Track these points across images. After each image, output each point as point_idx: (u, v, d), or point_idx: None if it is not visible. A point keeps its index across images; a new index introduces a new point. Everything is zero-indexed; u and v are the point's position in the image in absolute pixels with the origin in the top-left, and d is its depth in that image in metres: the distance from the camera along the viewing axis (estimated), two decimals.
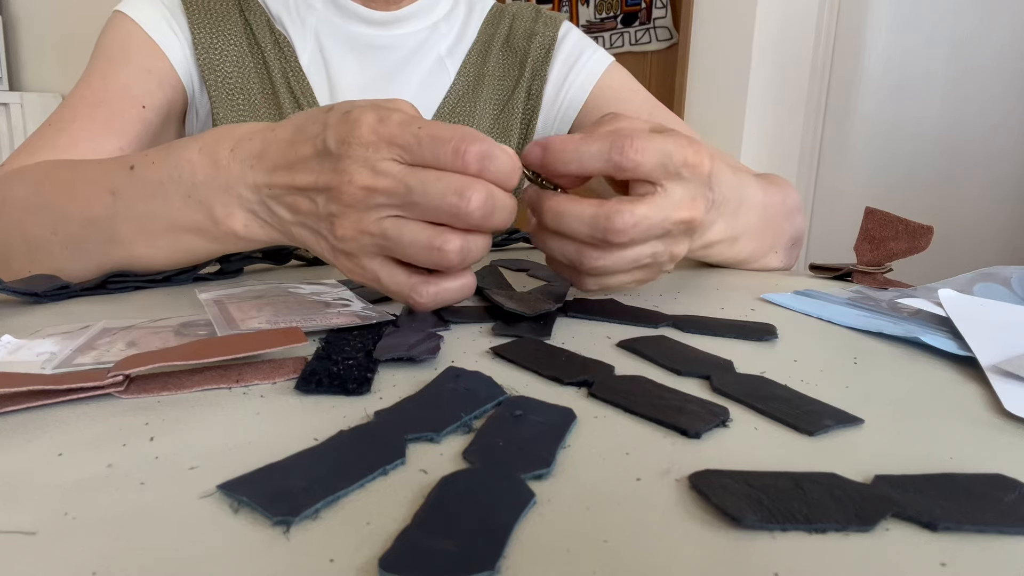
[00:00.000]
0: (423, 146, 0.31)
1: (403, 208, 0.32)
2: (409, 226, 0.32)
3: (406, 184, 0.31)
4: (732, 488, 0.18)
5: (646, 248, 0.36)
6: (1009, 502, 0.18)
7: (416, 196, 0.31)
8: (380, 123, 0.32)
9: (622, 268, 0.37)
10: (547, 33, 0.73)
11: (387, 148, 0.32)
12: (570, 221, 0.35)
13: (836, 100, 1.91)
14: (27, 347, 0.30)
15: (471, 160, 0.31)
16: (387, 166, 0.32)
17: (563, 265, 0.38)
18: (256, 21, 0.64)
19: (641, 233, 0.35)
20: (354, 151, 0.32)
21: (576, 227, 0.35)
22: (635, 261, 0.37)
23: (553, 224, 0.36)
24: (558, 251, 0.37)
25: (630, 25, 2.15)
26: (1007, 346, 0.32)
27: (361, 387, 0.26)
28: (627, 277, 0.38)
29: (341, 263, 0.35)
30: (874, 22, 1.81)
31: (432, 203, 0.31)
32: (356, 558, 0.15)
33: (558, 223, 0.36)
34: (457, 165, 0.32)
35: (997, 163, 1.72)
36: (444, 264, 0.33)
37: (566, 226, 0.35)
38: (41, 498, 0.18)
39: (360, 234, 0.33)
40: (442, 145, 0.31)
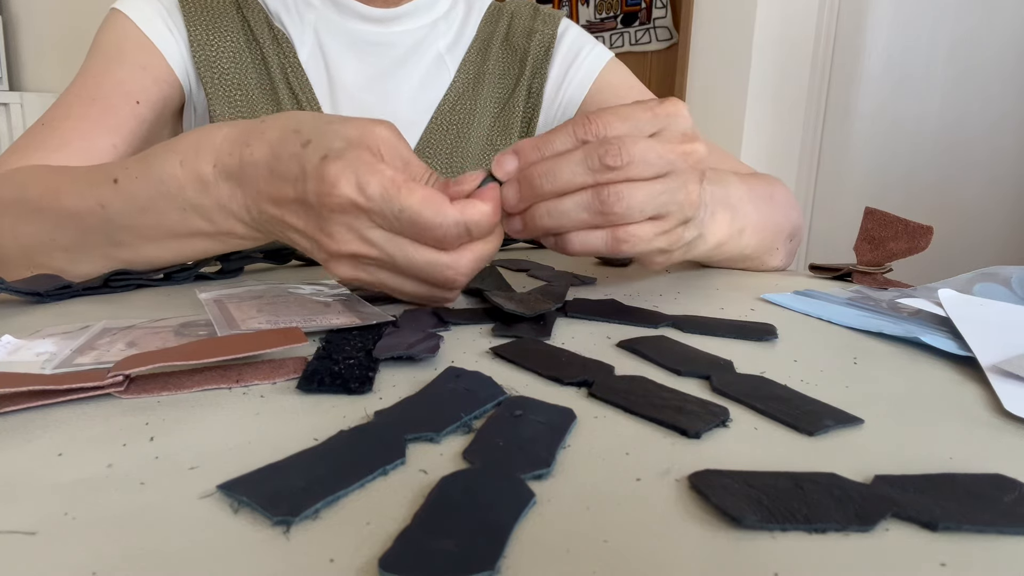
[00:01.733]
0: (403, 226, 0.32)
1: (394, 270, 0.34)
2: (409, 282, 0.35)
3: (393, 258, 0.33)
4: (732, 488, 0.18)
5: (658, 185, 0.35)
6: (1009, 502, 0.18)
7: (402, 265, 0.34)
8: (359, 193, 0.32)
9: (644, 208, 0.34)
10: (546, 31, 0.73)
11: (367, 218, 0.33)
12: (564, 166, 0.34)
13: (836, 99, 1.91)
14: (27, 347, 0.30)
15: (452, 242, 0.33)
16: (373, 234, 0.33)
17: (587, 239, 0.35)
18: (254, 18, 0.64)
19: (642, 152, 0.34)
20: (335, 216, 0.33)
21: (573, 168, 0.33)
22: (655, 198, 0.35)
23: (550, 183, 0.34)
24: (573, 213, 0.34)
25: (630, 25, 2.15)
26: (1007, 346, 0.32)
27: (363, 386, 0.26)
28: (652, 228, 0.36)
29: (342, 274, 0.36)
30: (874, 21, 1.81)
31: (421, 273, 0.34)
32: (356, 558, 0.15)
33: (554, 178, 0.34)
34: (440, 247, 0.33)
35: (997, 162, 1.72)
36: (453, 287, 0.36)
37: (563, 176, 0.34)
38: (41, 498, 0.18)
39: (355, 278, 0.35)
40: (423, 231, 0.32)
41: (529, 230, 0.36)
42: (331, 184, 0.32)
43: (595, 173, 0.34)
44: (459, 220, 0.32)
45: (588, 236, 0.36)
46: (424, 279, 0.34)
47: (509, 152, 0.36)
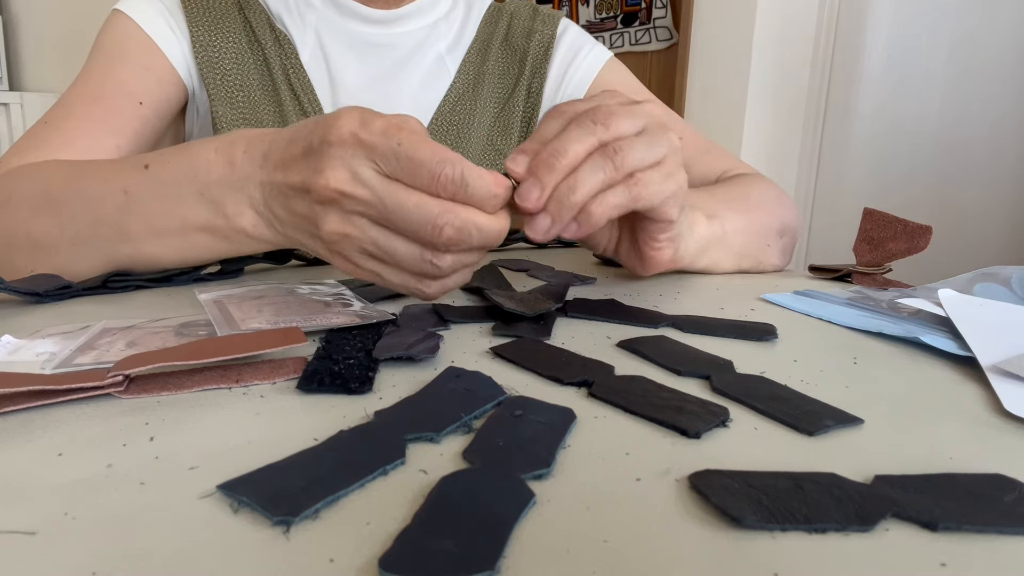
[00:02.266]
0: (400, 163, 0.32)
1: (381, 220, 0.33)
2: (398, 241, 0.33)
3: (383, 201, 0.32)
4: (732, 488, 0.18)
5: (645, 136, 0.38)
6: (1009, 502, 0.18)
7: (392, 215, 0.32)
8: (362, 127, 0.32)
9: (644, 155, 0.37)
10: (546, 31, 0.73)
11: (365, 153, 0.32)
12: (569, 139, 0.35)
13: (836, 99, 1.91)
14: (27, 347, 0.30)
15: (445, 185, 0.32)
16: (365, 173, 0.32)
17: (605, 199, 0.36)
18: (256, 19, 0.64)
19: (621, 112, 0.37)
20: (332, 150, 0.32)
21: (576, 137, 0.35)
22: (649, 146, 0.37)
23: (563, 156, 0.35)
24: (591, 177, 0.35)
25: (630, 25, 2.15)
26: (1007, 346, 0.32)
27: (363, 386, 0.26)
28: (658, 172, 0.38)
29: (339, 263, 0.35)
30: (874, 21, 1.81)
31: (409, 227, 0.32)
32: (356, 558, 0.15)
33: (564, 151, 0.35)
34: (432, 189, 0.32)
35: (997, 163, 1.72)
36: (439, 276, 0.34)
37: (571, 147, 0.35)
38: (41, 498, 0.18)
39: (343, 237, 0.33)
40: (418, 167, 0.31)
41: (557, 216, 0.36)
42: (335, 119, 0.33)
43: (596, 135, 0.36)
44: (455, 161, 0.32)
45: (608, 196, 0.37)
46: (412, 234, 0.32)
47: (517, 152, 0.37)
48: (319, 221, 0.33)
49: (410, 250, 0.33)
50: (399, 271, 0.34)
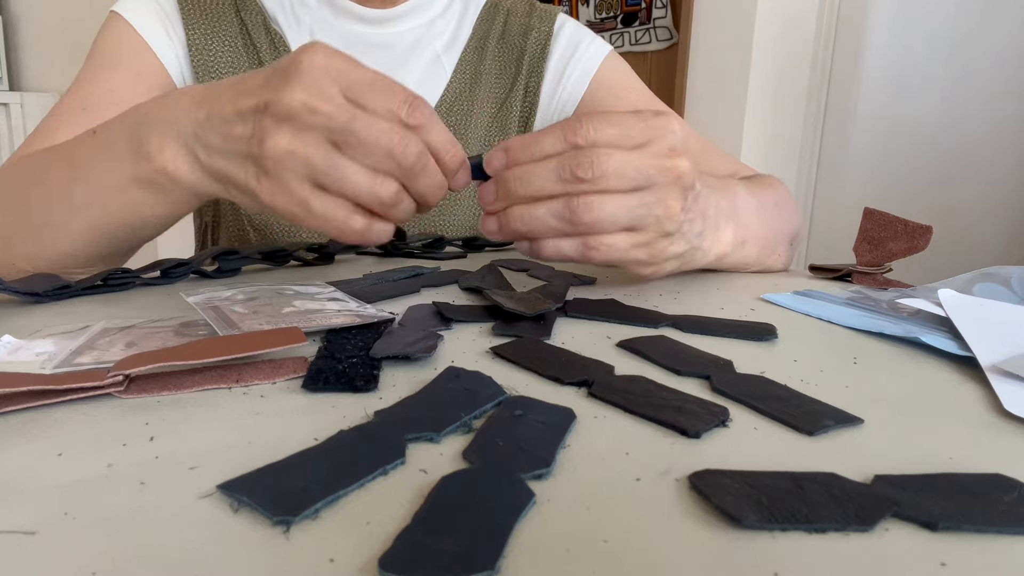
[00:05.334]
0: (375, 88, 0.32)
1: (340, 136, 0.32)
2: (348, 162, 0.33)
3: (351, 113, 0.32)
4: (732, 488, 0.18)
5: (633, 199, 0.35)
6: (1009, 502, 0.18)
7: (357, 126, 0.32)
8: (337, 54, 0.33)
9: (616, 219, 0.35)
10: (543, 28, 0.72)
11: (338, 77, 0.32)
12: (538, 173, 0.35)
13: (836, 100, 1.91)
14: (27, 347, 0.30)
15: (417, 116, 0.33)
16: (334, 93, 0.32)
17: (559, 244, 0.36)
18: (252, 21, 0.63)
19: (616, 166, 0.34)
20: (304, 69, 0.32)
21: (546, 175, 0.35)
22: (628, 211, 0.35)
23: (523, 187, 0.35)
24: (544, 219, 0.35)
25: (630, 25, 2.15)
26: (1007, 346, 0.32)
27: (368, 384, 0.26)
28: (627, 240, 0.36)
29: (265, 188, 0.33)
30: (874, 22, 1.81)
31: (371, 138, 0.32)
32: (356, 558, 0.15)
33: (527, 184, 0.35)
34: (401, 115, 0.33)
35: (997, 163, 1.72)
36: (377, 205, 0.34)
37: (535, 182, 0.35)
38: (41, 498, 0.18)
39: (289, 155, 0.32)
40: (393, 94, 0.33)
41: (503, 232, 0.37)
42: (312, 47, 0.33)
43: (566, 183, 0.35)
44: (426, 103, 0.33)
45: (560, 243, 0.37)
46: (369, 151, 0.32)
47: (500, 148, 0.37)
48: (265, 137, 0.32)
49: (359, 173, 0.33)
50: (332, 200, 0.33)
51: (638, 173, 0.35)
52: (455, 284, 0.45)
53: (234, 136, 0.34)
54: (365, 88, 0.32)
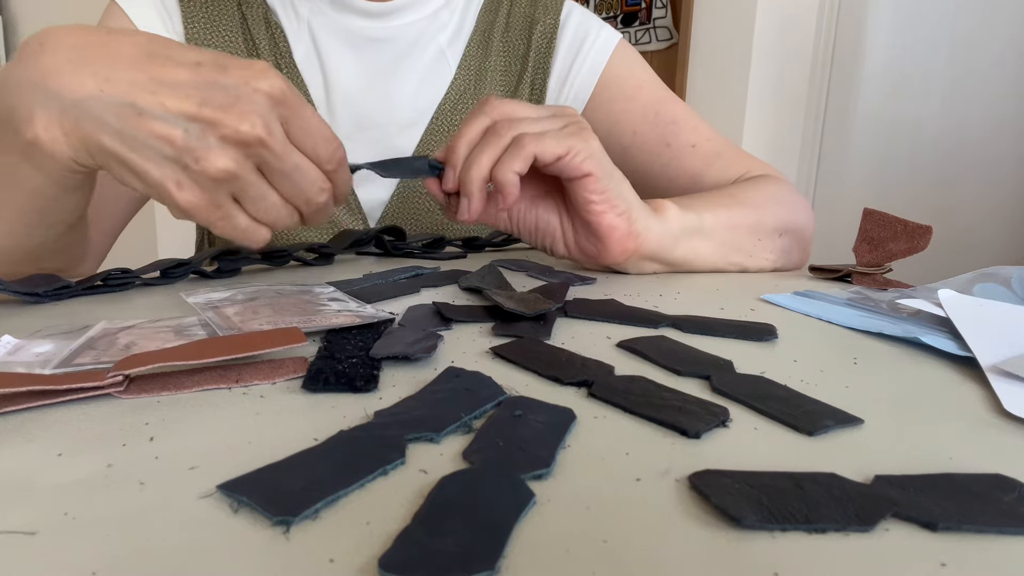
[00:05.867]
0: (311, 126, 0.35)
1: (275, 172, 0.35)
2: (271, 191, 0.36)
3: (289, 159, 0.35)
4: (732, 488, 0.18)
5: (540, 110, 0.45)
6: (1009, 502, 0.18)
7: (291, 171, 0.35)
8: (287, 88, 0.34)
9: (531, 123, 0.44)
10: (547, 20, 0.70)
11: (282, 112, 0.34)
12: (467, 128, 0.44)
13: (836, 100, 1.91)
14: (27, 347, 0.30)
15: (334, 163, 0.37)
16: (277, 128, 0.34)
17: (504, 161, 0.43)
18: (252, 15, 0.62)
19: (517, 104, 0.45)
20: (256, 97, 0.33)
21: (472, 125, 0.44)
22: (538, 119, 0.44)
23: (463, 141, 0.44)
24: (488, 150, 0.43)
25: (630, 25, 2.15)
26: (1007, 346, 0.32)
27: (369, 384, 0.26)
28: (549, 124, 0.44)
29: (185, 196, 0.33)
30: (874, 22, 1.81)
31: (302, 183, 0.36)
32: (356, 558, 0.15)
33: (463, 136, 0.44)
34: (322, 161, 0.36)
35: (997, 163, 1.72)
36: (279, 226, 0.37)
37: (468, 132, 0.44)
38: (41, 498, 0.18)
39: (230, 177, 0.33)
40: (325, 142, 0.36)
41: (468, 192, 0.43)
42: (263, 70, 0.34)
43: (489, 116, 0.44)
44: (339, 142, 0.37)
45: (504, 159, 0.43)
46: (288, 188, 0.36)
47: (440, 153, 0.46)
48: (210, 155, 0.32)
49: (278, 203, 0.36)
50: (247, 218, 0.36)
51: (537, 110, 0.46)
52: (455, 284, 0.45)
53: (153, 132, 0.32)
54: (304, 130, 0.35)
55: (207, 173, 0.33)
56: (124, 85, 0.32)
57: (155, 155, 0.33)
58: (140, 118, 0.32)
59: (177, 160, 0.33)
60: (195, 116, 0.32)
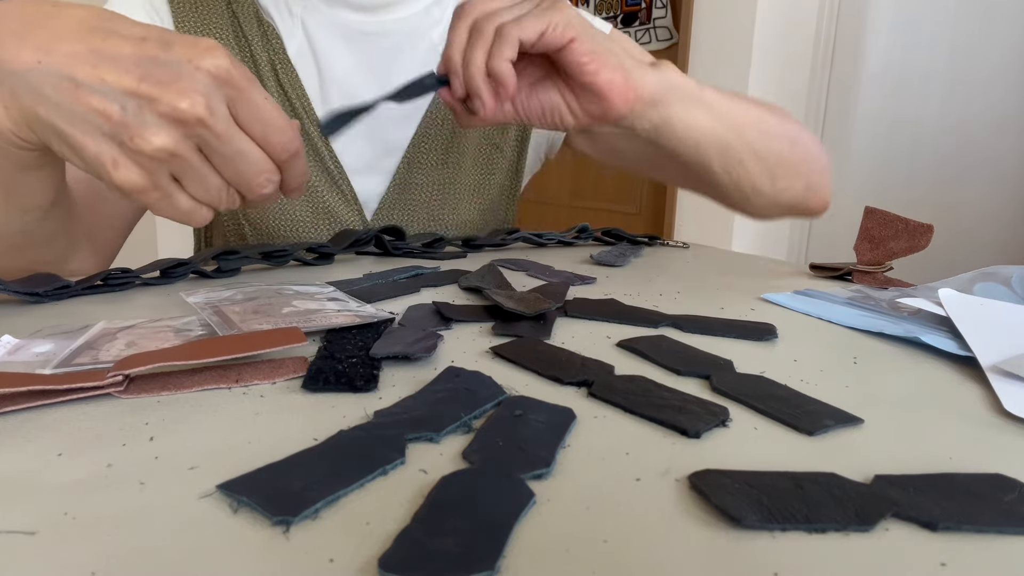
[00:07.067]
0: (262, 111, 0.34)
1: (215, 152, 0.33)
2: (211, 172, 0.34)
3: (233, 143, 0.33)
4: (732, 488, 0.18)
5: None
6: (1009, 502, 0.18)
7: (234, 156, 0.33)
8: (233, 66, 0.33)
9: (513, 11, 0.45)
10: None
11: (227, 93, 0.33)
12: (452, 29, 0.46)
13: (836, 100, 1.91)
14: (27, 347, 0.30)
15: (287, 154, 0.35)
16: (221, 110, 0.32)
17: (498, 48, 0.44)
18: (243, 13, 0.63)
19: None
20: (199, 76, 0.32)
21: (457, 26, 0.45)
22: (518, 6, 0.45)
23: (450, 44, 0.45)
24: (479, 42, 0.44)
25: (630, 25, 2.16)
26: (1007, 346, 0.32)
27: (369, 384, 0.26)
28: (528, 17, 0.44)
29: (122, 173, 0.33)
30: (874, 23, 1.81)
31: (239, 170, 0.34)
32: (356, 558, 0.15)
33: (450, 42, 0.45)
34: (273, 150, 0.35)
35: (997, 164, 1.72)
36: (218, 206, 0.36)
37: (453, 35, 0.45)
38: (41, 498, 0.18)
39: (170, 156, 0.32)
40: (279, 132, 0.35)
41: (473, 88, 0.45)
42: (208, 48, 0.32)
43: (470, 17, 0.45)
44: (295, 133, 0.36)
45: (493, 50, 0.44)
46: (231, 172, 0.34)
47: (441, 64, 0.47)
48: (146, 132, 0.32)
49: (217, 184, 0.35)
50: (188, 198, 0.35)
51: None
52: (455, 284, 0.45)
53: (90, 106, 0.31)
54: (252, 115, 0.34)
55: (143, 151, 0.32)
56: (63, 57, 0.32)
57: (92, 130, 0.32)
58: (78, 91, 0.32)
59: (114, 136, 0.32)
60: (134, 91, 0.31)
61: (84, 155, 0.33)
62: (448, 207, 0.70)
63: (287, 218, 0.64)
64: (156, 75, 0.32)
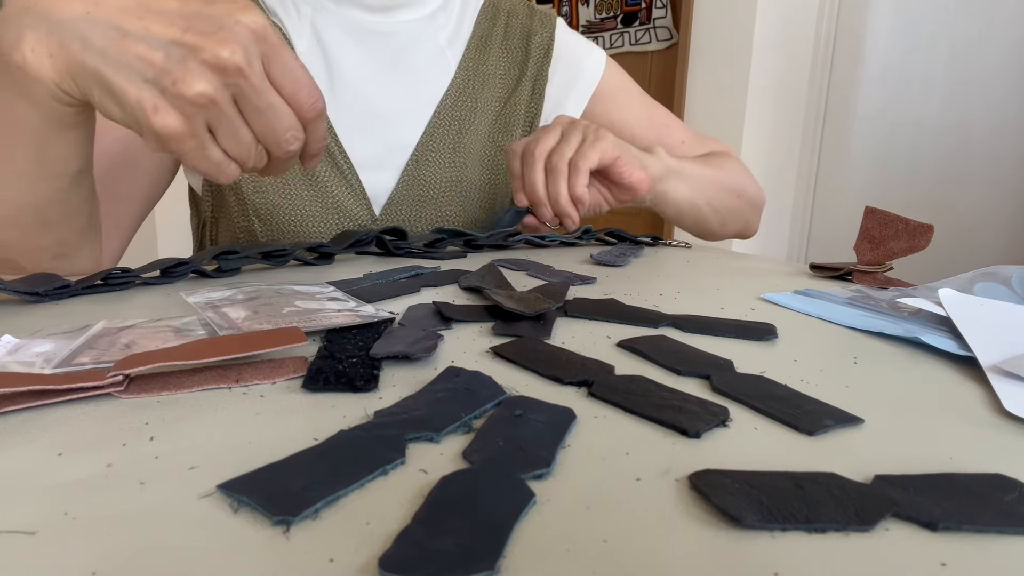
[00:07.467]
0: (293, 69, 0.35)
1: (249, 105, 0.35)
2: (243, 125, 0.36)
3: (266, 96, 0.35)
4: (732, 488, 0.18)
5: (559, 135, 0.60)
6: (1009, 502, 0.18)
7: (266, 109, 0.35)
8: (271, 27, 0.35)
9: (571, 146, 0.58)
10: (544, 32, 0.76)
11: (264, 49, 0.34)
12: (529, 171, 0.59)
13: (836, 101, 1.91)
14: (27, 347, 0.30)
15: (314, 113, 0.37)
16: (257, 64, 0.34)
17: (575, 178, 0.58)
18: None
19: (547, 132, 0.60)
20: (241, 31, 0.33)
21: (533, 168, 0.59)
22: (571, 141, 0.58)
23: (532, 184, 0.59)
24: (560, 181, 0.58)
25: (630, 25, 2.16)
26: (1007, 346, 0.32)
27: (369, 384, 0.26)
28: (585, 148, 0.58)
29: (160, 118, 0.33)
30: (874, 24, 1.81)
31: (270, 123, 0.36)
32: (356, 558, 0.15)
33: (533, 181, 0.59)
34: (301, 107, 0.36)
35: (997, 164, 1.72)
36: (245, 161, 0.37)
37: (534, 176, 0.58)
38: (41, 498, 0.18)
39: (208, 101, 0.33)
40: (308, 90, 0.36)
41: (563, 213, 0.59)
42: (246, 6, 0.34)
43: (540, 161, 0.59)
44: (321, 94, 0.38)
45: (572, 180, 0.58)
46: (261, 126, 0.36)
47: (516, 191, 0.61)
48: (188, 77, 0.33)
49: (248, 138, 0.36)
50: (220, 151, 0.36)
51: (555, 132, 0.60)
52: (455, 284, 0.45)
53: (135, 53, 0.33)
54: (283, 71, 0.35)
55: (184, 96, 0.33)
56: (112, 9, 0.34)
57: (135, 76, 0.33)
58: (124, 40, 0.33)
59: (156, 82, 0.33)
60: (178, 41, 0.33)
61: (126, 101, 0.34)
62: (456, 205, 0.71)
63: (296, 212, 0.64)
64: (199, 26, 0.33)
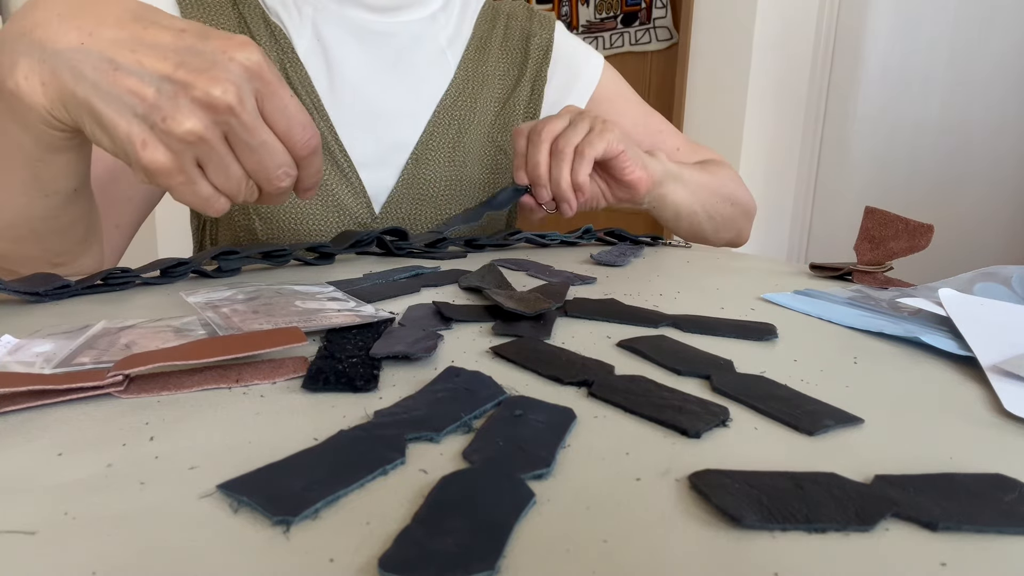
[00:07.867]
0: (287, 107, 0.35)
1: (241, 143, 0.35)
2: (234, 162, 0.36)
3: (258, 134, 0.34)
4: (732, 488, 0.18)
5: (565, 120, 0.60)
6: (1009, 502, 0.18)
7: (258, 147, 0.35)
8: (266, 63, 0.34)
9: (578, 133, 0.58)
10: (543, 34, 0.77)
11: (258, 86, 0.34)
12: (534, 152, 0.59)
13: (836, 101, 1.91)
14: (27, 347, 0.30)
15: (307, 150, 0.37)
16: (249, 102, 0.34)
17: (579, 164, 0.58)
18: (251, 15, 0.64)
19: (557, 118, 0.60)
20: (231, 67, 0.33)
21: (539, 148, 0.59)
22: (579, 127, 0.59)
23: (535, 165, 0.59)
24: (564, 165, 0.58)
25: (630, 25, 2.15)
26: (1007, 346, 0.32)
27: (369, 384, 0.26)
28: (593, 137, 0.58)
29: (149, 154, 0.33)
30: (874, 24, 1.81)
31: (261, 161, 0.35)
32: (356, 558, 0.15)
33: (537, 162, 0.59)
34: (295, 145, 0.36)
35: (997, 164, 1.72)
36: (236, 197, 0.37)
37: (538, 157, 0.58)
38: (41, 498, 0.18)
39: (197, 139, 0.33)
40: (301, 128, 0.36)
41: (563, 197, 0.59)
42: (243, 43, 0.34)
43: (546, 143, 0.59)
44: (316, 131, 0.37)
45: (575, 167, 0.58)
46: (253, 164, 0.36)
47: (516, 169, 0.61)
48: (178, 115, 0.32)
49: (238, 175, 0.36)
50: (209, 186, 0.36)
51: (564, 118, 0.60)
52: (455, 284, 0.45)
53: (126, 87, 0.33)
54: (278, 109, 0.35)
55: (173, 132, 0.33)
56: (106, 41, 0.33)
57: (126, 110, 0.33)
58: (116, 72, 0.33)
59: (146, 118, 0.33)
60: (169, 77, 0.33)
61: (115, 134, 0.34)
62: (456, 203, 0.71)
63: (297, 211, 0.64)
64: (192, 63, 0.33)
